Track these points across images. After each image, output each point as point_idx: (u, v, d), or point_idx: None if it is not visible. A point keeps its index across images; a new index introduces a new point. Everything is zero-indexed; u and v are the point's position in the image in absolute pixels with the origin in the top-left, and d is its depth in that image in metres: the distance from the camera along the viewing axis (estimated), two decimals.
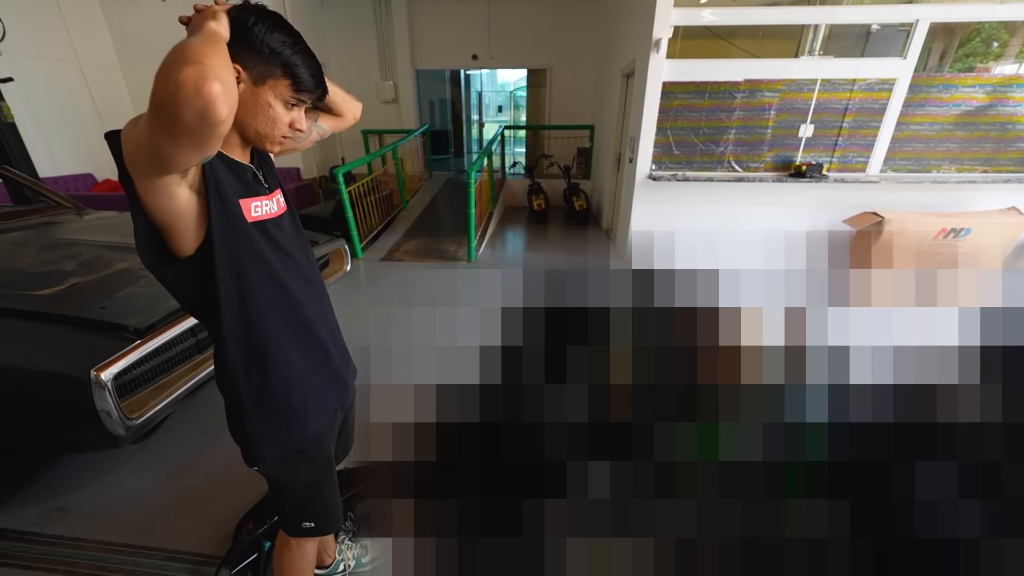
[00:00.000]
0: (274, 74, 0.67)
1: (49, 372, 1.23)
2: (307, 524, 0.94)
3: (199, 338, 1.65)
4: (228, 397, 0.81)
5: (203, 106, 0.50)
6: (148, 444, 1.87)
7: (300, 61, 0.69)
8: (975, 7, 3.51)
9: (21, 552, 1.41)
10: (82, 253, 1.84)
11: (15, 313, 1.36)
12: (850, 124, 3.85)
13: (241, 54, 0.64)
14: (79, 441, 1.36)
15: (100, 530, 1.49)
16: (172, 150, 0.55)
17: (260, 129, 0.71)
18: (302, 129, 0.75)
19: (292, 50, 0.68)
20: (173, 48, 0.52)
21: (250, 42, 0.64)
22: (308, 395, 0.85)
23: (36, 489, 1.64)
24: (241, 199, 0.72)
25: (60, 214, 2.48)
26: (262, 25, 0.65)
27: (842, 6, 3.87)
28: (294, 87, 0.70)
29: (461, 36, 7.18)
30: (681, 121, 3.91)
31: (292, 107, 0.72)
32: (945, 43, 4.73)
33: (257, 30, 0.64)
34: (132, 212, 0.66)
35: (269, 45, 0.65)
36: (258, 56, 0.65)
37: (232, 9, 0.64)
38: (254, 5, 0.67)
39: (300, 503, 0.93)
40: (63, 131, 5.34)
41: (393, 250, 4.69)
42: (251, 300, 0.74)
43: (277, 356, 0.79)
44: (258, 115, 0.69)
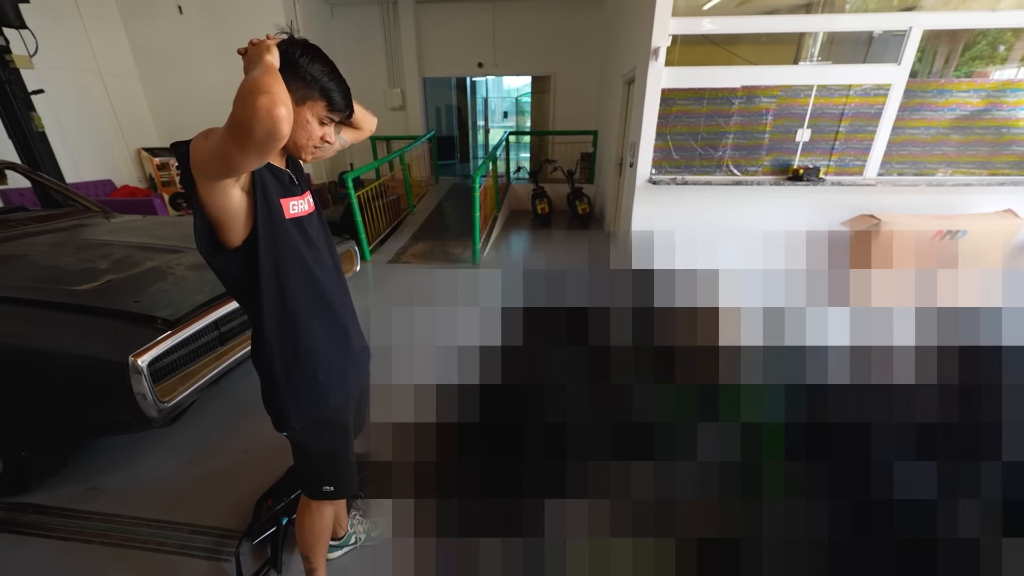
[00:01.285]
0: (313, 97, 0.82)
1: (93, 357, 1.35)
2: (327, 488, 1.06)
3: (222, 331, 1.77)
4: (263, 371, 0.93)
5: (272, 126, 0.65)
6: (173, 431, 2.00)
7: (335, 87, 0.84)
8: (966, 14, 3.59)
9: (60, 526, 1.54)
10: (113, 253, 1.98)
11: (60, 306, 1.50)
12: (847, 129, 3.93)
13: (287, 78, 0.77)
14: (116, 422, 1.48)
15: (131, 507, 1.61)
16: (240, 158, 0.70)
17: (298, 141, 0.85)
18: (331, 142, 0.89)
19: (329, 78, 0.83)
20: (246, 80, 0.68)
21: (296, 70, 0.79)
22: (332, 370, 0.97)
23: (71, 471, 1.77)
24: (281, 199, 0.86)
25: (88, 217, 2.64)
26: (306, 57, 0.80)
27: (837, 14, 3.96)
28: (328, 108, 0.84)
29: (467, 44, 7.36)
30: (680, 127, 4.02)
31: (324, 124, 0.86)
32: (950, 47, 4.81)
33: (302, 61, 0.80)
34: (193, 209, 0.79)
35: (311, 73, 0.80)
36: (301, 82, 0.80)
37: (281, 43, 0.78)
38: (299, 40, 0.82)
39: (321, 468, 1.05)
40: (84, 139, 5.56)
41: (400, 253, 4.82)
42: (286, 284, 0.87)
43: (306, 334, 0.91)
44: (297, 129, 0.83)
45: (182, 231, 2.45)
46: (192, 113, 6.34)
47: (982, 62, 4.50)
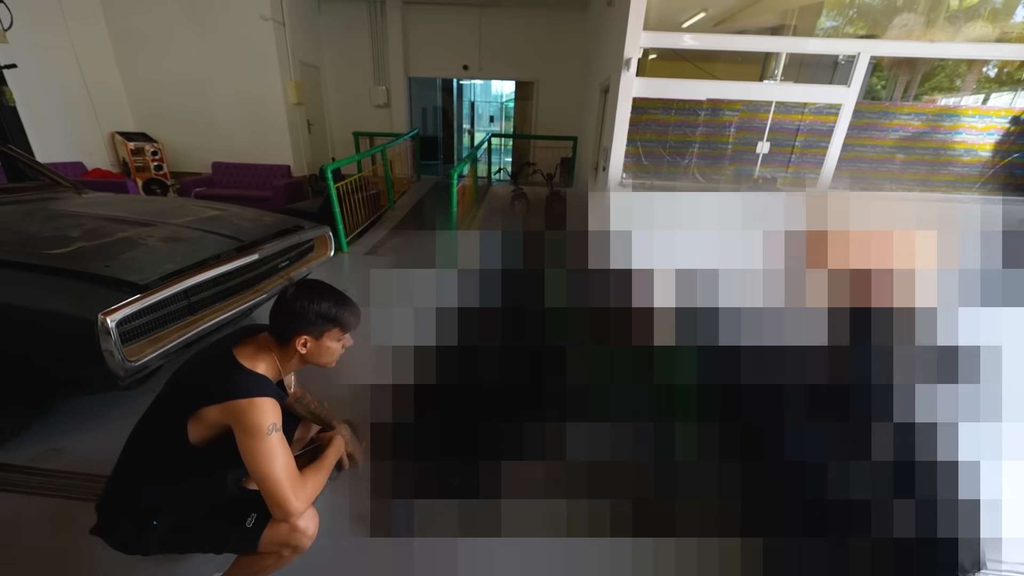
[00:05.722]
0: (328, 328, 1.05)
1: (63, 314, 1.41)
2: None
3: (191, 300, 1.84)
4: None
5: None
6: (136, 400, 2.03)
7: (343, 313, 1.06)
8: (911, 44, 3.93)
9: (22, 482, 1.57)
10: (85, 223, 2.02)
11: (31, 267, 1.54)
12: (802, 143, 4.22)
13: (305, 328, 1.02)
14: (84, 379, 1.54)
15: (91, 467, 1.65)
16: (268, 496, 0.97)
17: (324, 362, 1.10)
18: (351, 344, 1.14)
19: (336, 307, 1.04)
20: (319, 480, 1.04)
21: (309, 318, 1.01)
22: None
23: (32, 433, 1.79)
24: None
25: (59, 192, 2.64)
26: (312, 303, 1.02)
27: (793, 37, 4.26)
28: (343, 330, 1.09)
29: (453, 46, 7.50)
30: (650, 134, 4.23)
31: (342, 339, 1.10)
32: (909, 76, 5.20)
33: (311, 308, 1.01)
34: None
35: (321, 314, 1.03)
36: (317, 323, 1.02)
37: (286, 295, 1.04)
38: (303, 288, 1.03)
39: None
40: (56, 119, 5.45)
41: (377, 245, 4.89)
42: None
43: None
44: (323, 356, 1.08)
45: (155, 207, 2.49)
46: (170, 99, 6.28)
47: (940, 93, 4.88)
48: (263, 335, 1.08)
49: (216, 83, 6.23)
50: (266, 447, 0.92)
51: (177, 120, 6.42)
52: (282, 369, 1.07)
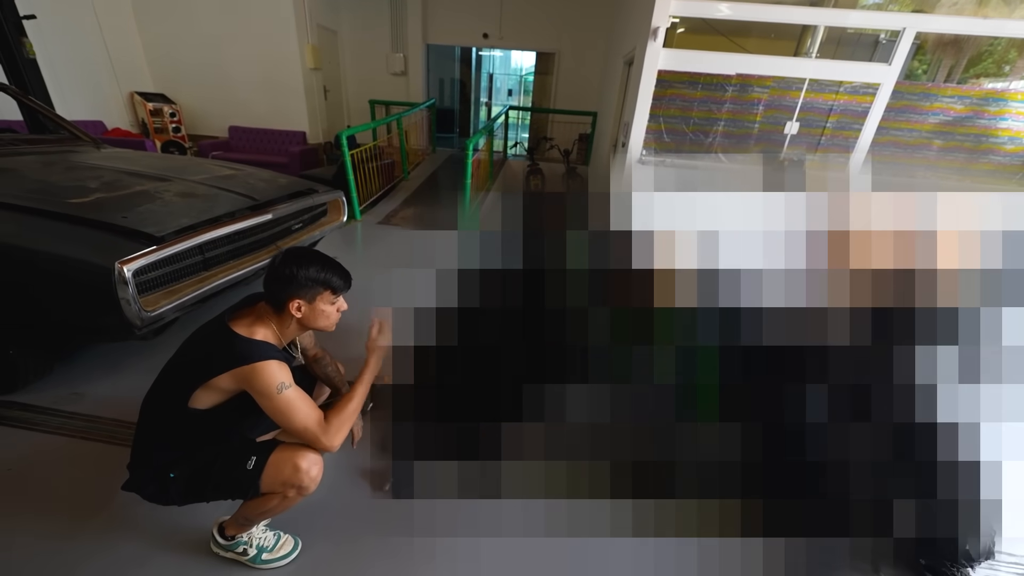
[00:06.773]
0: (319, 291, 1.07)
1: (82, 260, 1.43)
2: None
3: (206, 256, 1.85)
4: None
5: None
6: (154, 350, 2.08)
7: (331, 275, 1.08)
8: (960, 20, 3.67)
9: (44, 422, 1.64)
10: (103, 176, 2.04)
11: (50, 214, 1.56)
12: (834, 125, 4.03)
13: (296, 291, 1.04)
14: (101, 326, 1.57)
15: (111, 411, 1.71)
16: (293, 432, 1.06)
17: (322, 325, 1.13)
18: (345, 308, 1.17)
19: (323, 271, 1.06)
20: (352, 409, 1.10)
21: (298, 282, 1.04)
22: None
23: (55, 377, 1.86)
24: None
25: (79, 146, 2.66)
26: (300, 268, 1.04)
27: (834, 8, 4.01)
28: (334, 293, 1.10)
29: (474, 13, 7.26)
30: (673, 109, 4.08)
31: (335, 302, 1.12)
32: (954, 59, 4.89)
33: (300, 273, 1.03)
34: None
35: (310, 277, 1.05)
36: (307, 287, 1.05)
37: (275, 262, 1.06)
38: (290, 256, 1.06)
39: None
40: (76, 77, 5.46)
41: (391, 215, 4.88)
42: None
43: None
44: (319, 319, 1.10)
45: (171, 164, 2.50)
46: (188, 59, 6.23)
47: (987, 79, 4.59)
48: (260, 304, 1.12)
49: (234, 44, 6.16)
50: (281, 403, 1.00)
51: (195, 82, 6.38)
52: (281, 335, 1.10)
